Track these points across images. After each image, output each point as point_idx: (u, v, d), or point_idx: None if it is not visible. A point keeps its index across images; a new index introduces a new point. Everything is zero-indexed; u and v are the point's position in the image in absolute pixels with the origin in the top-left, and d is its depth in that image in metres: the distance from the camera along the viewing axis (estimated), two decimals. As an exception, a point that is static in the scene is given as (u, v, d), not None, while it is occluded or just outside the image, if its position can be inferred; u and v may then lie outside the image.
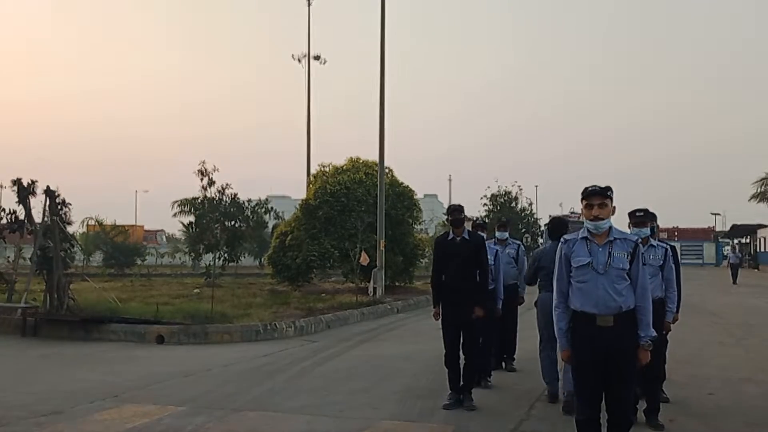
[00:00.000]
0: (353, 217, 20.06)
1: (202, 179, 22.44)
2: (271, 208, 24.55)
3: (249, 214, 23.45)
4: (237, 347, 10.61)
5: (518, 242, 8.95)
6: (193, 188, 23.21)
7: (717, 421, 6.21)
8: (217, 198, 22.76)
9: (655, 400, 6.05)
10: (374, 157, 19.73)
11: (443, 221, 8.52)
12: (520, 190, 41.53)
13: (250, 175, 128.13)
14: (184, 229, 26.32)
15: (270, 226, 30.95)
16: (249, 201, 24.02)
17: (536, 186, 76.85)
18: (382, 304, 16.78)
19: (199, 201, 23.14)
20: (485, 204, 40.67)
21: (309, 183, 22.30)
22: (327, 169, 21.91)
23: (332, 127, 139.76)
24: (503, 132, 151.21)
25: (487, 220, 30.54)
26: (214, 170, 22.43)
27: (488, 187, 41.58)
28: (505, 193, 40.71)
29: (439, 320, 6.88)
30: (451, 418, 6.18)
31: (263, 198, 24.93)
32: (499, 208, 40.42)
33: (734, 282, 29.01)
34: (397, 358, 9.46)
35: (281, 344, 10.87)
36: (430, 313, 7.07)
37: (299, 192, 25.43)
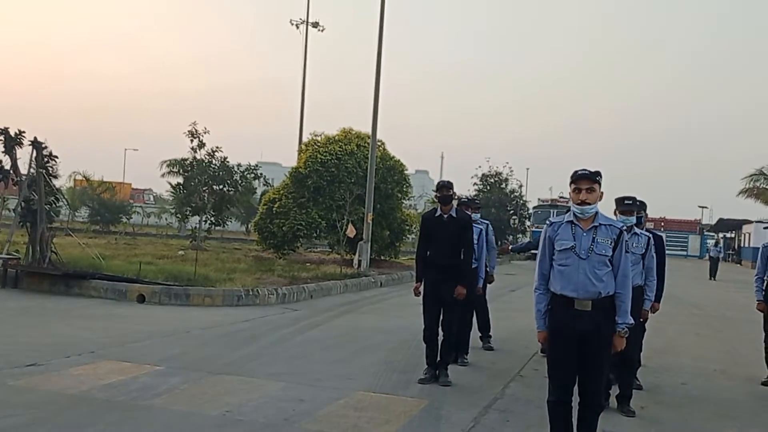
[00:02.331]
0: (342, 189, 20.00)
1: (192, 140, 22.33)
2: (261, 174, 24.39)
3: (238, 178, 23.31)
4: (218, 311, 10.61)
5: (487, 222, 8.88)
6: (184, 149, 23.03)
7: (687, 409, 6.28)
8: (206, 160, 22.62)
9: (628, 387, 6.10)
10: (367, 129, 19.61)
11: (432, 198, 8.52)
12: (511, 171, 41.59)
13: (241, 140, 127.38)
14: (172, 190, 26.11)
15: (259, 192, 30.84)
16: (239, 165, 23.87)
17: (527, 168, 77.21)
18: (366, 277, 16.81)
19: (188, 162, 22.97)
20: (476, 183, 40.69)
21: (300, 151, 22.13)
22: (319, 139, 21.76)
23: (327, 97, 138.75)
24: (498, 112, 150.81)
25: (478, 200, 30.59)
26: (205, 132, 22.28)
27: (479, 166, 41.62)
28: (496, 173, 40.72)
29: (421, 296, 6.89)
30: (425, 392, 6.22)
31: (253, 163, 24.75)
32: (489, 188, 40.46)
33: (712, 277, 28.16)
34: (377, 331, 9.50)
35: (262, 311, 10.88)
36: (413, 288, 7.07)
37: (290, 160, 25.31)
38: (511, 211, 40.63)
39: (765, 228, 8.51)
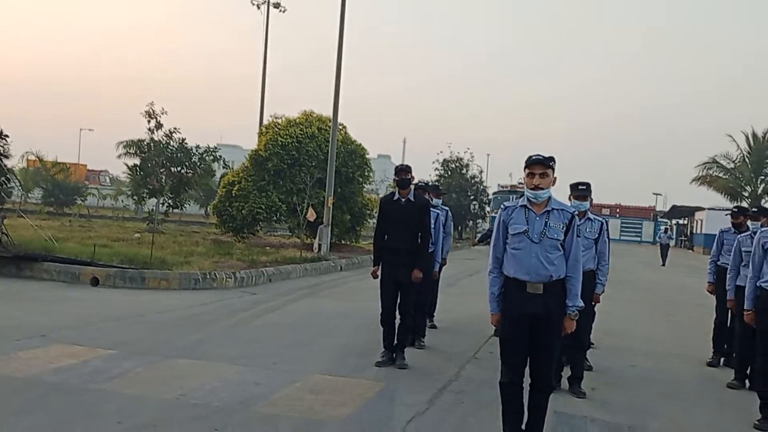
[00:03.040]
0: (303, 172, 19.86)
1: (149, 121, 21.86)
2: (220, 156, 24.03)
3: (196, 160, 22.94)
4: (174, 294, 10.48)
5: (446, 208, 8.97)
6: (141, 130, 22.52)
7: (636, 391, 6.46)
8: (164, 142, 22.20)
9: (578, 369, 6.24)
10: (328, 112, 19.49)
11: (393, 183, 8.58)
12: (472, 157, 41.88)
13: (201, 121, 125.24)
14: (129, 172, 25.59)
15: (218, 175, 30.45)
16: (197, 147, 23.48)
17: (488, 154, 77.79)
18: (326, 260, 16.79)
19: (146, 143, 22.52)
20: (437, 168, 40.87)
21: (260, 134, 21.88)
22: (280, 121, 21.54)
23: (288, 79, 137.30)
24: (460, 97, 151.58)
25: (440, 185, 30.76)
26: (162, 113, 21.85)
27: (440, 152, 41.76)
28: (457, 159, 40.94)
29: (379, 279, 6.92)
30: (382, 375, 6.26)
31: (213, 146, 24.38)
32: (450, 173, 40.68)
33: (663, 264, 28.33)
34: (336, 315, 9.51)
35: (220, 294, 10.79)
36: (371, 271, 7.09)
37: (250, 142, 24.97)
38: (472, 197, 40.95)
39: (726, 215, 8.81)
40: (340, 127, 20.76)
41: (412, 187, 7.14)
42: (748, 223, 7.34)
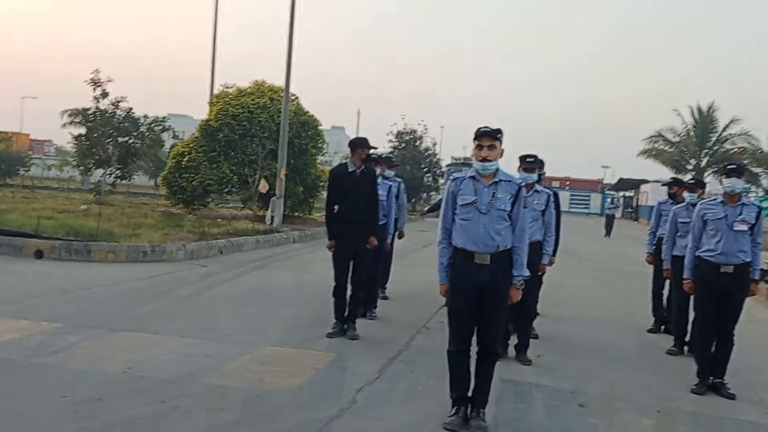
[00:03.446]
0: (255, 143, 19.56)
1: (94, 89, 21.20)
2: (169, 126, 23.51)
3: (144, 130, 22.39)
4: (121, 267, 10.29)
5: (399, 180, 9.03)
6: (87, 99, 21.77)
7: (580, 357, 6.67)
8: (110, 111, 21.57)
9: (525, 337, 6.40)
10: (281, 82, 19.19)
11: (346, 155, 8.53)
12: (426, 129, 41.94)
13: (149, 90, 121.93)
14: (74, 142, 24.79)
15: (167, 145, 29.79)
16: (145, 117, 22.90)
17: (442, 127, 77.88)
18: (278, 233, 16.67)
19: (91, 113, 21.84)
20: (391, 140, 40.82)
21: (211, 103, 21.43)
22: (230, 91, 21.12)
23: (240, 48, 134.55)
24: (415, 70, 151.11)
25: (393, 157, 30.64)
26: (108, 81, 21.20)
27: (394, 123, 41.69)
28: (411, 131, 40.95)
29: (332, 252, 6.91)
30: (333, 346, 6.30)
31: (162, 115, 23.79)
32: (404, 145, 40.69)
33: (608, 234, 28.62)
34: (288, 287, 9.49)
35: (169, 267, 10.63)
36: (325, 244, 7.07)
37: (201, 112, 24.42)
38: (425, 169, 41.11)
39: (662, 186, 9.17)
40: (293, 97, 20.47)
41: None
42: (685, 194, 7.56)
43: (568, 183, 63.02)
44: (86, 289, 8.27)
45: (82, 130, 23.36)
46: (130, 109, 21.88)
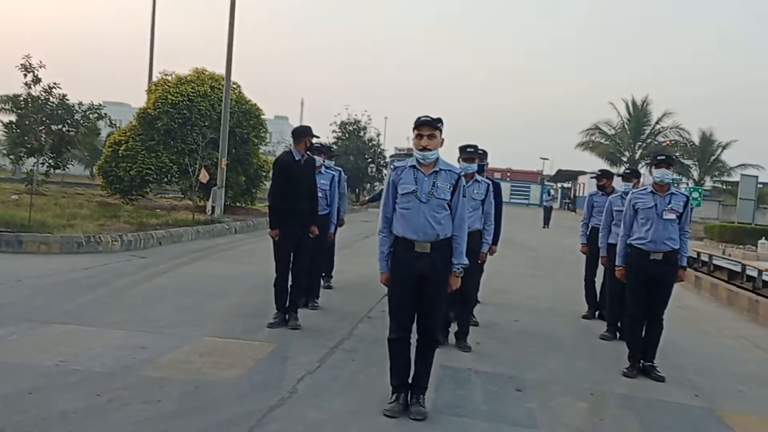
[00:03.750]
0: (195, 132, 19.16)
1: (25, 75, 20.30)
2: (105, 114, 22.72)
3: (79, 118, 21.60)
4: (55, 259, 9.95)
5: (339, 169, 9.06)
6: (17, 85, 20.91)
7: (518, 344, 6.81)
8: (42, 98, 20.73)
9: (465, 324, 6.49)
10: (221, 70, 18.85)
11: (289, 145, 8.45)
12: (369, 119, 42.00)
13: (84, 78, 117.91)
14: (4, 129, 23.75)
15: (104, 134, 28.87)
16: (80, 104, 22.10)
17: (385, 117, 78.23)
18: (220, 223, 16.43)
19: (22, 99, 20.95)
20: (334, 131, 40.67)
21: (149, 91, 20.87)
22: (170, 78, 20.62)
23: (179, 34, 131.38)
24: (359, 61, 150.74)
25: (334, 147, 30.40)
26: (41, 66, 20.36)
27: (338, 114, 41.53)
28: (355, 121, 40.89)
29: (274, 242, 6.84)
30: (274, 336, 6.25)
31: (98, 103, 22.99)
32: (347, 136, 40.60)
33: (546, 225, 29.05)
34: (228, 278, 9.37)
35: (105, 258, 10.35)
36: (267, 234, 7.00)
37: (139, 100, 23.73)
38: (369, 160, 41.14)
39: (591, 178, 9.44)
40: (234, 86, 20.16)
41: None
42: (621, 184, 7.77)
43: (509, 174, 64.10)
44: (17, 281, 7.97)
45: (13, 117, 22.40)
46: (64, 95, 21.06)
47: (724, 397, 5.59)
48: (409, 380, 4.54)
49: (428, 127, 4.45)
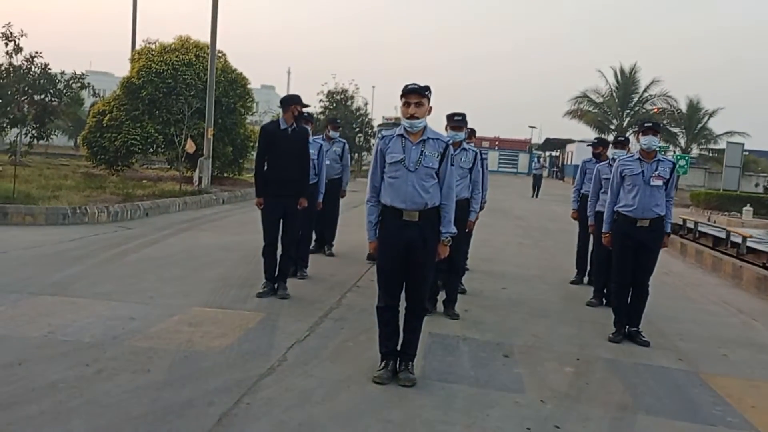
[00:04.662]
0: (180, 101, 18.93)
1: (6, 44, 19.94)
2: (89, 83, 22.37)
3: (62, 88, 21.27)
4: (41, 230, 9.88)
5: (344, 141, 9.16)
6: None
7: (505, 311, 6.87)
8: (24, 67, 20.39)
9: (453, 292, 6.53)
10: (207, 38, 18.57)
11: (276, 114, 8.39)
12: (357, 89, 41.60)
13: (68, 46, 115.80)
14: (-15, 100, 23.35)
15: (88, 104, 28.49)
16: (62, 74, 21.74)
17: (373, 87, 77.47)
18: (207, 194, 16.36)
19: (3, 69, 20.58)
20: (321, 100, 40.33)
21: (132, 60, 20.53)
22: (153, 47, 20.28)
23: (162, 2, 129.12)
24: (345, 28, 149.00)
25: (322, 116, 30.19)
26: (22, 35, 19.99)
27: (325, 83, 41.14)
28: (342, 90, 40.52)
29: (261, 211, 6.82)
30: (263, 305, 6.27)
31: (81, 72, 22.61)
32: (335, 105, 40.29)
33: (535, 195, 28.38)
34: (217, 248, 9.35)
35: (92, 229, 10.29)
36: (255, 202, 6.97)
37: (123, 70, 23.36)
38: (357, 129, 40.89)
39: (588, 146, 9.49)
40: (220, 54, 19.90)
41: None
42: (611, 152, 7.79)
43: (497, 143, 64.07)
44: (2, 253, 7.92)
45: (-6, 88, 22.03)
46: (47, 65, 20.71)
47: (707, 361, 5.68)
48: (398, 348, 4.58)
49: (416, 95, 4.42)
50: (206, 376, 4.32)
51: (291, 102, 6.79)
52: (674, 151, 41.78)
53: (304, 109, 7.22)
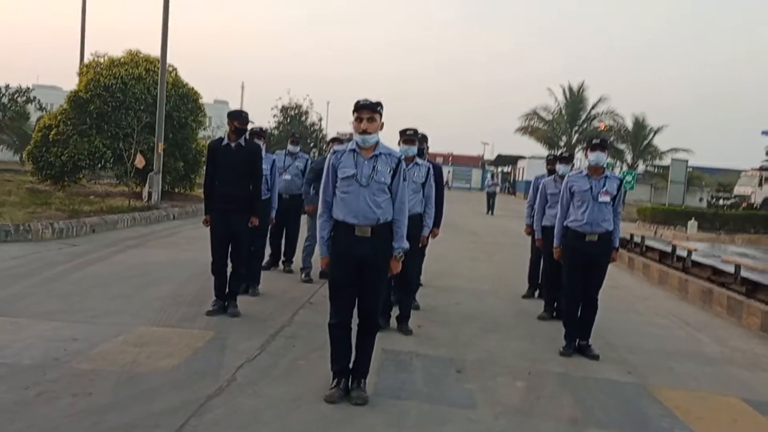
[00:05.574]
0: (130, 116, 18.59)
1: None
2: (34, 97, 21.83)
3: (6, 102, 20.69)
4: (-20, 248, 9.50)
5: (307, 156, 9.13)
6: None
7: (458, 326, 6.88)
8: (-34, 80, 19.75)
9: (407, 308, 6.51)
10: (157, 52, 18.30)
11: (231, 128, 8.34)
12: (312, 104, 41.60)
13: (13, 60, 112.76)
14: (-76, 113, 22.55)
15: (34, 117, 27.75)
16: (7, 87, 21.16)
17: (328, 102, 77.64)
18: (157, 209, 16.02)
19: (-58, 82, 19.93)
20: (275, 115, 40.19)
21: (80, 73, 20.08)
22: (102, 60, 19.89)
23: (113, 15, 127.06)
24: (300, 44, 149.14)
25: (278, 132, 29.98)
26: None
27: (279, 98, 40.98)
28: (297, 105, 40.47)
29: (209, 228, 6.70)
30: (212, 324, 6.13)
31: (27, 86, 22.04)
32: (289, 120, 40.16)
33: (489, 212, 28.00)
34: (166, 265, 9.14)
35: (36, 247, 9.95)
36: (202, 220, 6.84)
37: (71, 84, 22.83)
38: (311, 144, 40.81)
39: (546, 159, 9.69)
40: (171, 69, 19.63)
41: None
42: (557, 167, 7.91)
43: (450, 158, 64.76)
44: (-63, 273, 7.58)
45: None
46: (-11, 77, 20.15)
47: (656, 373, 5.78)
48: (350, 365, 4.53)
49: (368, 111, 4.41)
50: (151, 398, 4.18)
51: (229, 117, 6.74)
52: (621, 168, 42.86)
53: (252, 125, 7.20)
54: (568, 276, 6.21)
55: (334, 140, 8.84)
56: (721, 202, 32.37)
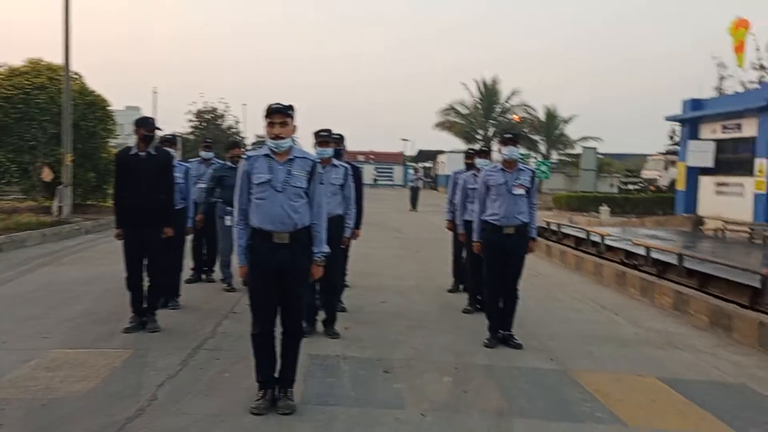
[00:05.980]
0: (34, 127, 17.70)
1: None
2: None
3: None
4: None
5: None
6: None
7: (385, 325, 6.90)
8: None
9: (332, 311, 6.47)
10: (60, 60, 17.48)
11: (139, 137, 8.02)
12: (227, 107, 40.89)
13: None
14: None
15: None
16: None
17: (244, 104, 76.42)
18: (68, 224, 15.31)
19: None
20: (191, 120, 39.26)
21: (-24, 84, 18.96)
22: (1, 71, 18.87)
23: (11, 22, 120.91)
24: (214, 47, 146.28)
25: (194, 137, 29.28)
26: None
27: (193, 102, 40.08)
28: (212, 109, 39.66)
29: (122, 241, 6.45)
30: (130, 341, 5.91)
31: None
32: (205, 124, 39.33)
33: (413, 208, 28.00)
34: (79, 282, 8.75)
35: (-67, 271, 9.33)
36: (114, 234, 6.57)
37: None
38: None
39: (459, 155, 9.77)
40: (76, 76, 18.82)
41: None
42: (476, 161, 8.04)
43: (372, 156, 64.97)
44: None
45: None
46: None
47: (576, 359, 5.97)
48: (276, 374, 4.46)
49: (280, 115, 4.35)
50: (67, 425, 3.99)
51: (136, 125, 6.51)
52: (536, 158, 44.16)
53: (162, 132, 6.96)
54: (488, 269, 6.33)
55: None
56: (630, 187, 33.83)
